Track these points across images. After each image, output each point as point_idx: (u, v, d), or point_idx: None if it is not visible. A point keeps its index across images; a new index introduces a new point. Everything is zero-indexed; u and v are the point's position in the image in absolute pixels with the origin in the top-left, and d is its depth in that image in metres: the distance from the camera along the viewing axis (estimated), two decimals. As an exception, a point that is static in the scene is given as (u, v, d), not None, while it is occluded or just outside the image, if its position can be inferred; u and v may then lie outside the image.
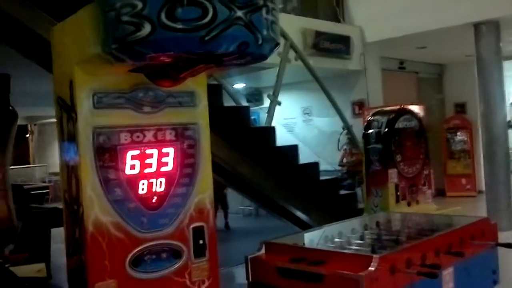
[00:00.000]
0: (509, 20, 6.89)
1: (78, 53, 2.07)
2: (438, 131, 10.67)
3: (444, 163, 10.74)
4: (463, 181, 10.50)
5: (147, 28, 1.66)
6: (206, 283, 2.40)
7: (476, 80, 7.40)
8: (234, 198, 8.96)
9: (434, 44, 8.53)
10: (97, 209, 2.12)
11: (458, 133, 10.72)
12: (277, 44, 1.91)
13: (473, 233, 2.88)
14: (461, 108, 10.84)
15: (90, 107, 2.11)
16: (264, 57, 1.91)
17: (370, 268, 2.20)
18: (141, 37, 1.68)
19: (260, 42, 1.75)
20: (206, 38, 1.65)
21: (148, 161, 2.24)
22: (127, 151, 2.19)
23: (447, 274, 2.51)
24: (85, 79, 2.09)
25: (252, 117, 7.48)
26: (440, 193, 9.95)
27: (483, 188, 7.73)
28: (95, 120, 2.12)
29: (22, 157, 17.10)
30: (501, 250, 3.00)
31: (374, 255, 2.30)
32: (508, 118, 9.19)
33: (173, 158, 2.29)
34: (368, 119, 4.40)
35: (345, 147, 7.28)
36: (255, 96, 9.94)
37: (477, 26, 7.09)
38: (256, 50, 1.77)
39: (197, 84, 2.32)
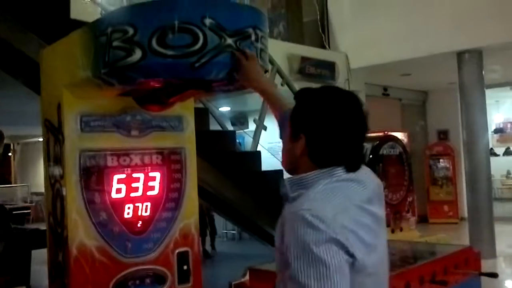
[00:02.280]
0: (491, 49, 7.07)
1: (68, 76, 2.09)
2: (421, 158, 10.79)
3: (427, 189, 10.83)
4: (446, 207, 10.59)
5: (137, 54, 1.68)
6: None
7: (459, 108, 7.55)
8: (217, 221, 8.94)
9: (418, 71, 8.71)
10: (81, 233, 2.10)
11: (441, 160, 10.86)
12: (266, 71, 1.94)
13: (457, 262, 2.89)
14: (444, 135, 11.01)
15: (78, 130, 2.11)
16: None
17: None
18: (132, 62, 1.70)
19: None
20: (196, 64, 1.67)
21: (134, 185, 2.24)
22: (114, 175, 2.18)
23: (431, 303, 2.52)
24: (73, 102, 2.10)
25: (238, 141, 7.49)
26: (422, 220, 10.00)
27: (466, 215, 7.80)
28: (82, 143, 2.12)
29: (4, 176, 16.81)
30: (484, 280, 3.01)
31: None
32: (490, 146, 9.35)
33: (159, 182, 2.29)
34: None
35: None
36: (240, 119, 9.97)
37: (460, 54, 7.26)
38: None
39: (184, 109, 2.34)
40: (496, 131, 12.66)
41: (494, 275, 2.89)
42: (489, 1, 6.82)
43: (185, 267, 2.35)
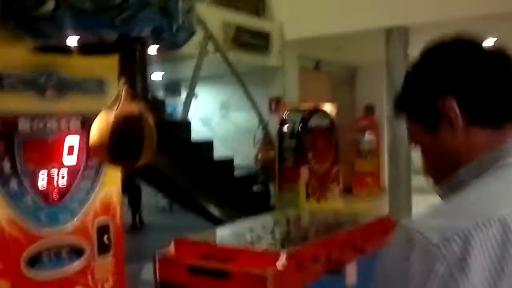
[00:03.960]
0: (418, 27, 7.32)
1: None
2: (348, 131, 11.14)
3: (352, 161, 11.23)
4: (369, 179, 11.07)
5: (50, 4, 1.51)
6: (111, 282, 2.27)
7: (384, 84, 7.81)
8: (147, 192, 8.73)
9: (349, 46, 8.87)
10: (-13, 203, 1.91)
11: (366, 133, 11.27)
12: (193, 32, 1.83)
13: (376, 230, 3.02)
14: (370, 109, 11.40)
15: (-17, 89, 1.89)
16: (179, 45, 1.83)
17: (277, 265, 2.21)
18: (43, 13, 1.52)
19: (175, 29, 1.67)
20: (117, 19, 1.53)
21: (49, 151, 2.07)
22: (26, 140, 2.00)
23: (350, 269, 2.60)
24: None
25: (169, 110, 7.29)
26: (347, 190, 10.39)
27: (386, 186, 8.19)
28: (-11, 104, 1.91)
29: None
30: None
31: (282, 251, 2.32)
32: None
33: (78, 149, 2.13)
34: (283, 116, 4.46)
35: (260, 143, 7.35)
36: (172, 87, 9.70)
37: (388, 31, 7.46)
38: (170, 37, 1.69)
39: (107, 70, 2.17)
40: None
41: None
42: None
43: (105, 238, 2.23)
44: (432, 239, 0.70)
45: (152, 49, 1.78)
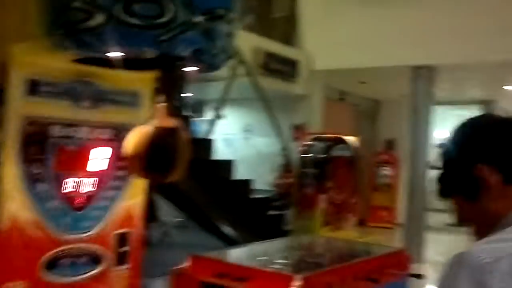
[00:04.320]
0: (444, 68, 7.35)
1: (16, 32, 1.92)
2: (367, 164, 11.08)
3: (369, 194, 11.14)
4: (384, 213, 10.95)
5: (99, 18, 1.58)
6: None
7: (407, 120, 7.80)
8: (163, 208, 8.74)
9: (374, 80, 8.91)
10: (16, 204, 1.96)
11: (385, 168, 11.20)
12: (231, 56, 1.89)
13: (389, 262, 3.00)
14: (390, 144, 11.35)
15: (23, 94, 1.97)
16: (217, 67, 1.88)
17: (291, 287, 2.21)
18: (91, 26, 1.59)
19: (215, 51, 1.72)
20: (162, 37, 1.59)
21: (79, 158, 2.12)
22: (58, 146, 2.06)
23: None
24: (21, 62, 1.95)
25: (193, 128, 7.36)
26: (362, 223, 10.28)
27: (401, 221, 8.07)
28: (27, 109, 1.98)
29: None
30: (412, 280, 3.17)
31: (296, 275, 2.32)
32: (431, 159, 9.73)
33: (108, 159, 2.18)
34: (307, 143, 4.49)
35: (280, 169, 7.37)
36: (197, 107, 9.85)
37: (414, 69, 7.50)
38: (209, 59, 1.74)
39: (142, 84, 2.24)
40: (440, 146, 13.16)
41: (420, 276, 3.05)
42: (449, 22, 7.07)
43: (124, 249, 2.26)
44: (484, 258, 0.81)
45: (191, 69, 1.83)
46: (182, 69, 1.81)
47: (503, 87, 8.66)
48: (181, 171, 1.75)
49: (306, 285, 2.27)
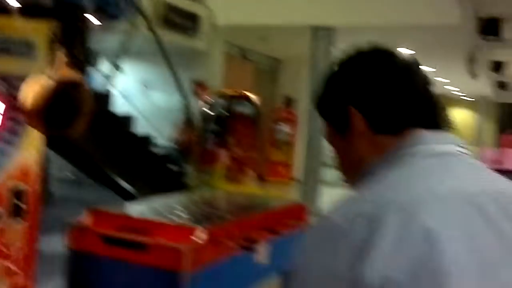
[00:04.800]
0: (343, 29, 7.71)
1: None
2: (267, 121, 11.43)
3: (268, 150, 11.56)
4: (282, 168, 11.48)
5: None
6: (19, 246, 2.25)
7: (306, 79, 8.14)
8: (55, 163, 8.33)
9: (275, 38, 9.10)
10: None
11: (284, 125, 11.65)
12: (133, 6, 1.86)
13: (288, 214, 3.23)
14: (289, 101, 11.78)
15: None
16: (118, 17, 1.84)
17: (193, 239, 2.31)
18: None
19: (118, 0, 1.69)
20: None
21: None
22: None
23: (262, 248, 2.78)
24: None
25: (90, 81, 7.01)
26: (260, 178, 10.71)
27: (298, 176, 8.56)
28: None
29: None
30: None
31: (198, 227, 2.42)
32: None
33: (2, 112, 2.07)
34: (208, 99, 4.54)
35: (180, 124, 7.35)
36: (90, 57, 9.34)
37: (314, 29, 7.77)
38: (112, 9, 1.70)
39: (37, 34, 2.11)
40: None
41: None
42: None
43: (19, 203, 2.20)
44: (336, 222, 0.76)
45: (93, 19, 1.78)
46: (84, 18, 1.75)
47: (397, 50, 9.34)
48: (83, 126, 1.73)
49: (208, 236, 2.38)
